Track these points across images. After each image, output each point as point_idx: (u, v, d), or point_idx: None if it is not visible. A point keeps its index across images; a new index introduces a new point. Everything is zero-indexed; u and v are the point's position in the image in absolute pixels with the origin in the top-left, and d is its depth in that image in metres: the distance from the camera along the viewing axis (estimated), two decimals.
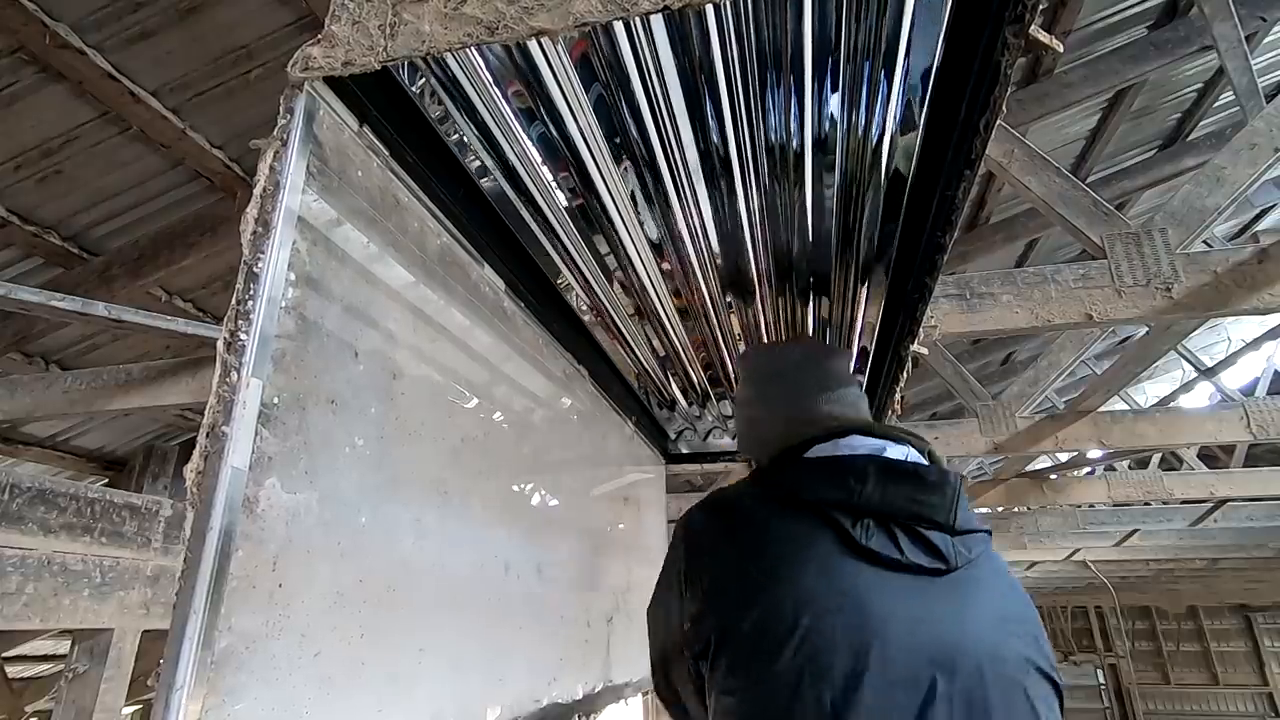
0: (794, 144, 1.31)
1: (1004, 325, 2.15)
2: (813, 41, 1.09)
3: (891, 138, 1.26)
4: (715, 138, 1.30)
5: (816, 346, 1.19)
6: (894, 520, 0.93)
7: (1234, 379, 7.37)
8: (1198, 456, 5.74)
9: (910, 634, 0.86)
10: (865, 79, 1.16)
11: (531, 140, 1.32)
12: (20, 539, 2.40)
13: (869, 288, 1.78)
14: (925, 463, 1.02)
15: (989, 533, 1.00)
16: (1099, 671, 14.87)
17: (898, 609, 0.88)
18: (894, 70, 1.12)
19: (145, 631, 2.92)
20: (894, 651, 0.85)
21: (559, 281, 1.80)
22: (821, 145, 1.32)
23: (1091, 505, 6.25)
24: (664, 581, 1.08)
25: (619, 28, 1.07)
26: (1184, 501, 6.13)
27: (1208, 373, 5.96)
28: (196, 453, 0.73)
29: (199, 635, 0.67)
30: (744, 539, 0.98)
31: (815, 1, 1.04)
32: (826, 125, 1.27)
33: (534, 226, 1.54)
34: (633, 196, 1.48)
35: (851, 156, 1.33)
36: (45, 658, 5.34)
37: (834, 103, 1.22)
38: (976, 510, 1.05)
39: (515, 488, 1.60)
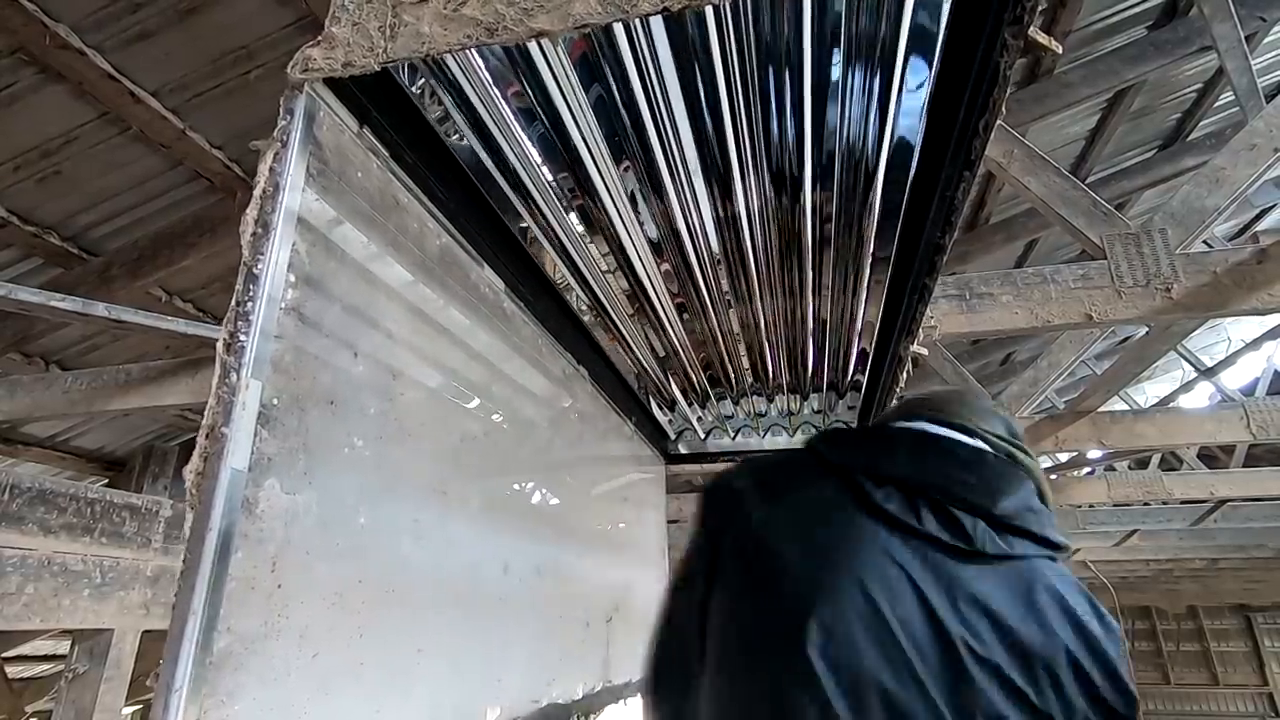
0: (794, 143, 1.31)
1: (1004, 325, 2.14)
2: (812, 42, 1.09)
3: (891, 138, 1.26)
4: (715, 138, 1.29)
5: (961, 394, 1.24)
6: (920, 492, 0.93)
7: (1234, 379, 7.37)
8: (1198, 456, 5.74)
9: (894, 592, 0.87)
10: (865, 79, 1.16)
11: (531, 140, 1.32)
12: (20, 539, 2.40)
13: (869, 288, 1.78)
14: (973, 443, 1.00)
15: (1053, 548, 0.95)
16: None
17: (889, 566, 0.89)
18: (893, 71, 1.12)
19: (145, 632, 2.93)
20: (860, 604, 0.86)
21: (558, 281, 1.80)
22: (821, 143, 1.32)
23: (1091, 505, 6.24)
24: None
25: (618, 29, 1.07)
26: (1184, 501, 6.12)
27: (1208, 373, 5.97)
28: (196, 454, 0.73)
29: (198, 636, 0.67)
30: (764, 493, 1.02)
31: (815, 3, 1.04)
32: (827, 124, 1.27)
33: (533, 226, 1.54)
34: (633, 196, 1.48)
35: (851, 156, 1.33)
36: (45, 658, 5.33)
37: (834, 103, 1.22)
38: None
39: (514, 488, 1.60)
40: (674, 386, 2.56)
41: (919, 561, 0.89)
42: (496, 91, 1.21)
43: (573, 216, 1.55)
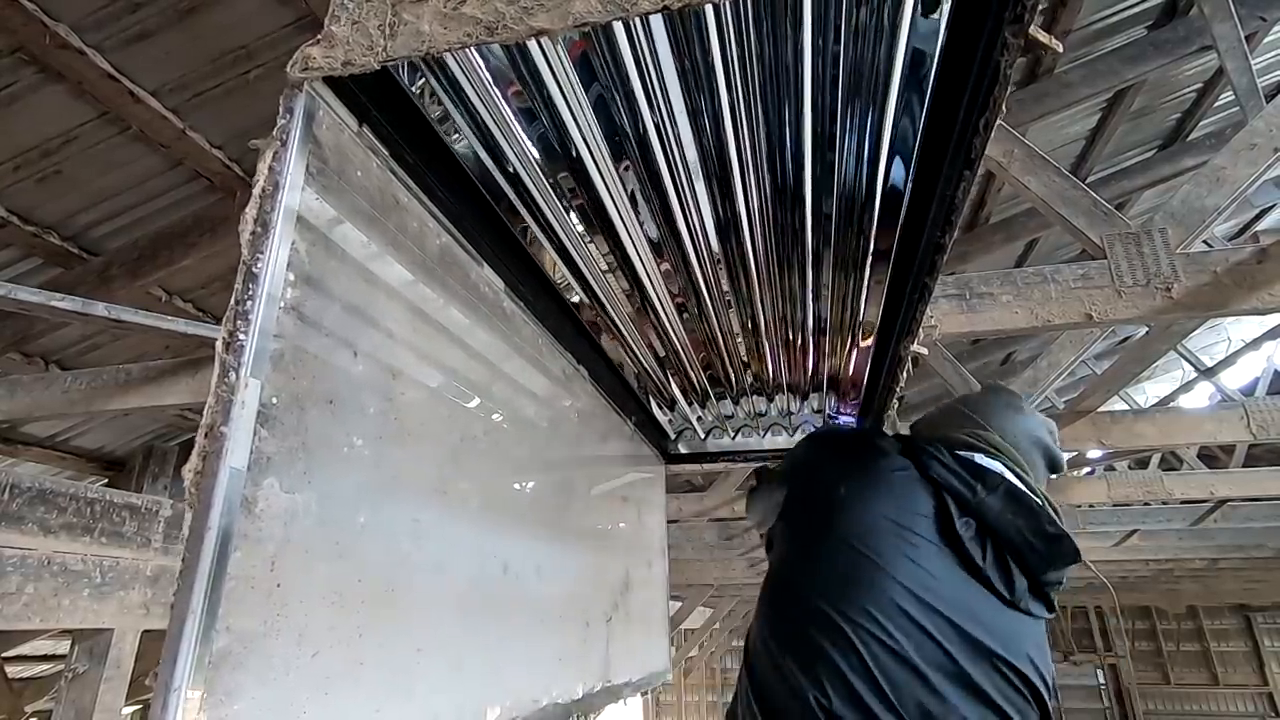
0: (794, 141, 1.31)
1: (1004, 325, 2.14)
2: (812, 41, 1.09)
3: (891, 137, 1.26)
4: (714, 137, 1.29)
5: (1024, 408, 1.45)
6: (991, 533, 1.06)
7: (1234, 379, 7.38)
8: (1198, 456, 5.74)
9: (939, 600, 1.01)
10: (865, 78, 1.16)
11: (531, 139, 1.32)
12: (20, 539, 2.40)
13: (869, 287, 1.78)
14: (1059, 521, 1.12)
15: (1051, 613, 1.11)
16: (1099, 671, 14.86)
17: (941, 575, 1.02)
18: (893, 69, 1.12)
19: (145, 631, 2.93)
20: (906, 595, 1.00)
21: (558, 281, 1.80)
22: (821, 143, 1.31)
23: (1091, 505, 6.24)
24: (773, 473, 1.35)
25: (618, 27, 1.07)
26: (1184, 501, 6.12)
27: (1208, 373, 5.98)
28: (195, 453, 0.72)
29: (197, 635, 0.67)
30: (854, 460, 1.22)
31: (815, 2, 1.04)
32: (826, 123, 1.27)
33: (533, 225, 1.54)
34: (633, 196, 1.48)
35: (852, 155, 1.33)
36: (45, 658, 5.34)
37: (835, 99, 1.21)
38: None
39: (514, 487, 1.60)
40: (674, 386, 2.55)
41: (965, 590, 1.03)
42: (496, 91, 1.21)
43: (573, 216, 1.55)
